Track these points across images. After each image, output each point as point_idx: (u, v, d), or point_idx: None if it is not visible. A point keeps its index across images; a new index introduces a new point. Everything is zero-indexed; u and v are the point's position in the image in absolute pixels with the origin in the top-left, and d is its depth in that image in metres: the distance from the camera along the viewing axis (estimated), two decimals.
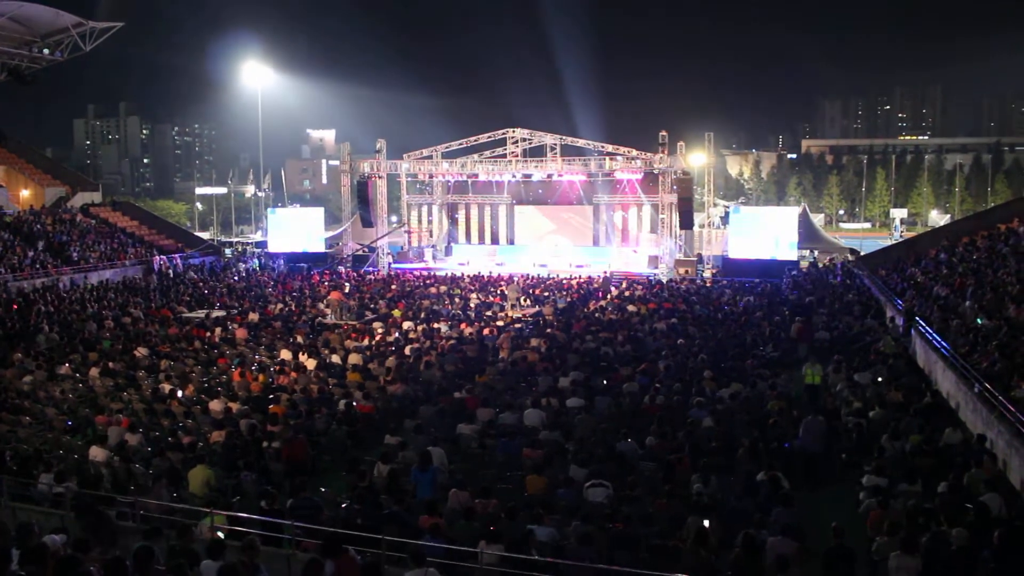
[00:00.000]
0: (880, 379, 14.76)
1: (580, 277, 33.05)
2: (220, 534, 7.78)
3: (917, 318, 18.38)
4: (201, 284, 31.32)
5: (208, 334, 21.22)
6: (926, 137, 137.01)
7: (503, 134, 39.85)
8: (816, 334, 19.99)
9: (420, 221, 45.45)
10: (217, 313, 24.87)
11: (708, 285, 31.70)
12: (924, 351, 17.07)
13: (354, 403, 13.96)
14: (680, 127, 52.51)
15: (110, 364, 17.49)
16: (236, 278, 33.80)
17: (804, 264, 36.52)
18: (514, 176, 40.83)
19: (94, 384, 16.27)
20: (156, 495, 9.10)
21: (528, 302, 27.05)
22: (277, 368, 16.86)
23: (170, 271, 33.44)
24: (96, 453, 11.40)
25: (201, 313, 24.98)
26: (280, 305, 26.34)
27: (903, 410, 12.75)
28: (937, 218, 78.75)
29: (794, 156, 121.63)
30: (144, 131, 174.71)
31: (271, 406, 13.82)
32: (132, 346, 19.43)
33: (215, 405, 14.00)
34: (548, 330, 20.90)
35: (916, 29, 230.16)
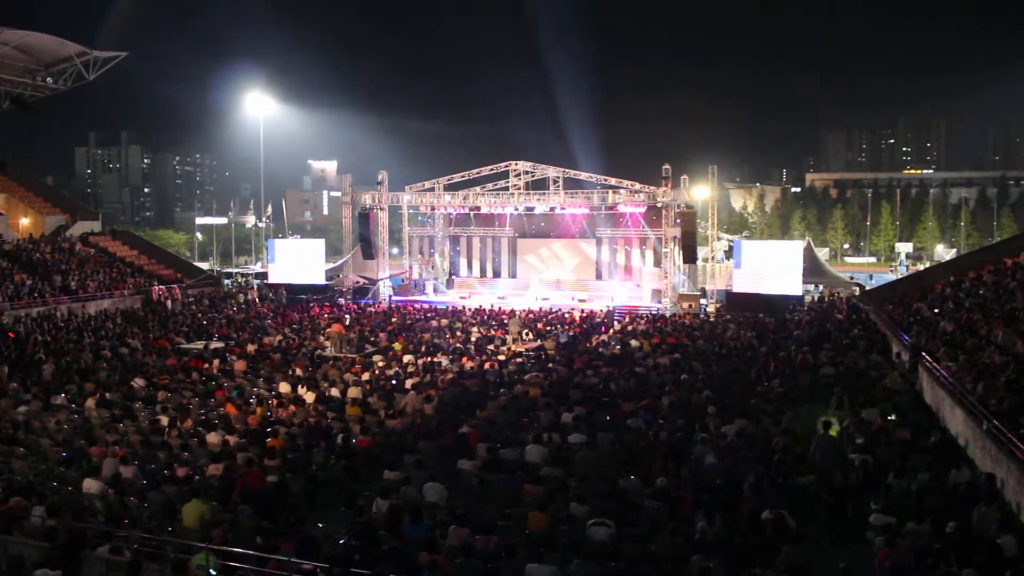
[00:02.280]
0: (886, 416, 14.70)
1: (583, 311, 33.06)
2: (213, 572, 7.74)
3: (924, 353, 18.35)
4: (200, 315, 31.36)
5: (206, 365, 21.20)
6: (931, 171, 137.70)
7: (505, 167, 40.12)
8: (821, 370, 19.94)
9: (422, 253, 45.59)
10: (215, 344, 24.87)
11: (712, 320, 31.69)
12: (931, 387, 17.01)
13: (353, 437, 13.91)
14: (683, 161, 52.93)
15: (107, 395, 17.47)
16: (235, 309, 33.84)
17: (808, 299, 36.51)
18: (516, 209, 41.04)
19: (90, 415, 16.23)
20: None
21: (530, 336, 27.03)
22: (275, 401, 16.83)
23: (168, 301, 33.51)
24: (90, 485, 11.34)
25: (199, 344, 24.97)
26: (279, 337, 26.34)
27: (910, 448, 12.69)
28: (943, 252, 78.87)
29: (798, 190, 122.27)
30: (145, 160, 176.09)
31: (269, 439, 13.77)
32: (129, 377, 19.42)
33: (212, 438, 13.96)
34: (550, 364, 20.87)
35: (919, 62, 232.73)
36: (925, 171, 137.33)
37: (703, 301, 36.65)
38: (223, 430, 14.57)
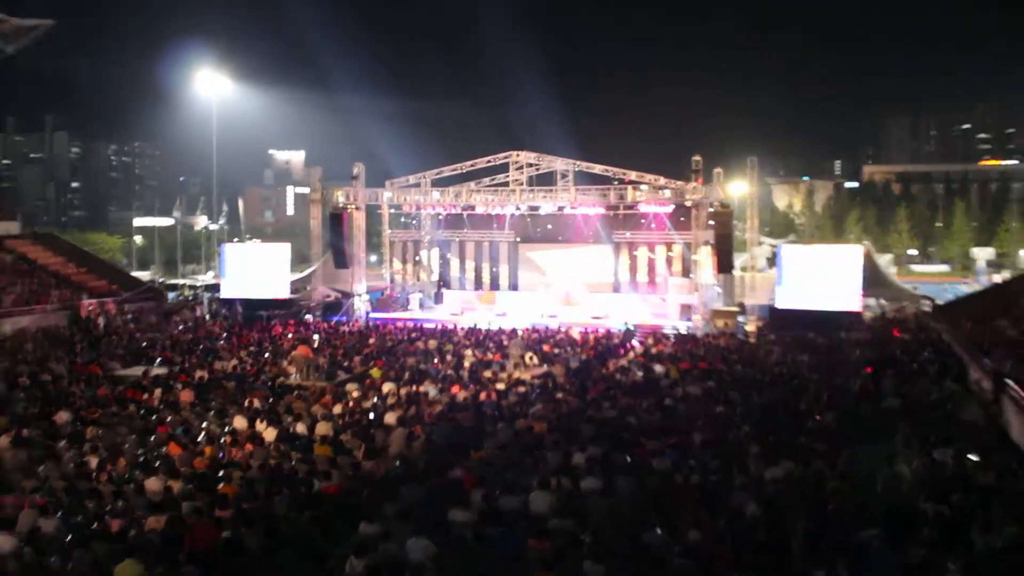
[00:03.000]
0: (965, 457, 14.63)
1: (597, 330, 33.05)
2: None
3: (1008, 381, 18.28)
4: (138, 335, 31.32)
5: (145, 396, 21.13)
6: (1015, 162, 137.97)
7: (505, 158, 40.26)
8: (884, 401, 19.87)
9: (405, 262, 45.64)
10: (157, 370, 24.82)
11: (752, 341, 31.66)
12: (1019, 422, 16.94)
13: (322, 483, 13.83)
14: (717, 151, 53.16)
15: (23, 432, 17.38)
16: (181, 328, 33.81)
17: (868, 315, 36.48)
18: (518, 208, 41.14)
19: (3, 456, 16.14)
20: None
21: (535, 360, 26.97)
22: (229, 439, 16.74)
23: (100, 319, 33.48)
24: (2, 542, 11.25)
25: (138, 370, 24.92)
26: (234, 361, 26.29)
27: (995, 495, 12.60)
28: None
29: (854, 185, 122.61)
30: (74, 150, 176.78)
31: (221, 485, 13.68)
32: (52, 410, 19.32)
33: (152, 484, 13.87)
34: (559, 395, 20.81)
35: (1000, 33, 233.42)
36: (1007, 162, 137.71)
37: (741, 318, 36.63)
38: (165, 474, 14.47)
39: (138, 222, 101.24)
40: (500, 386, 22.43)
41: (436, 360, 26.81)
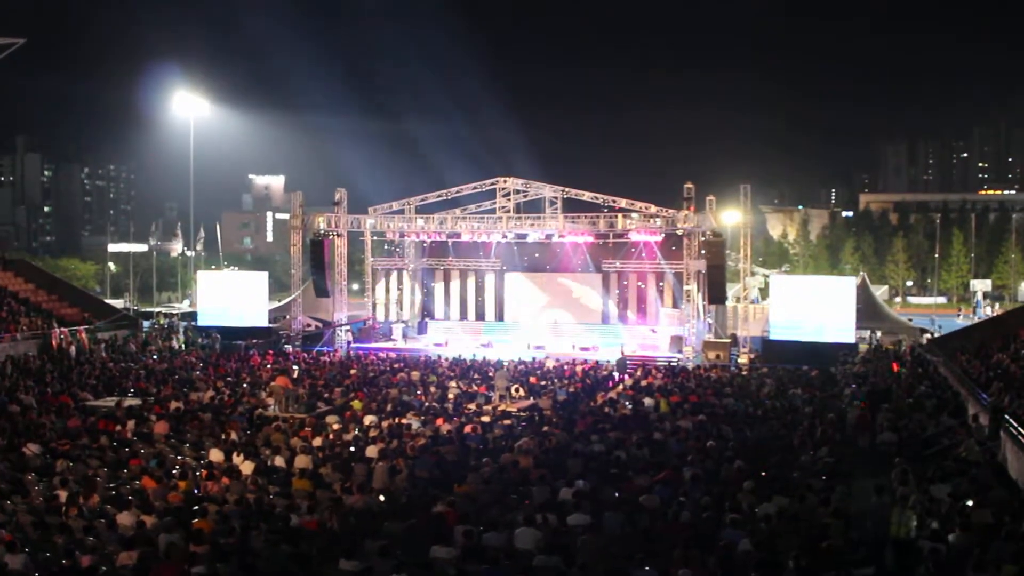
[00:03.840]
0: (962, 494, 14.71)
1: (586, 362, 33.08)
2: None
3: (1007, 416, 18.41)
4: (112, 365, 31.20)
5: (118, 428, 21.05)
6: (1013, 191, 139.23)
7: (491, 184, 40.47)
8: (880, 435, 19.99)
9: (388, 291, 45.65)
10: (131, 401, 24.71)
11: (744, 373, 31.77)
12: (1017, 458, 17.05)
13: (301, 518, 13.82)
14: (710, 178, 53.76)
15: None
16: (156, 358, 33.69)
17: (863, 347, 36.67)
18: (505, 236, 41.28)
19: None
20: None
21: (521, 393, 27.00)
22: (204, 472, 16.71)
23: (72, 348, 33.34)
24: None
25: (111, 401, 24.81)
26: (210, 392, 26.21)
27: (993, 533, 12.68)
28: None
29: (850, 214, 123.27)
30: (46, 172, 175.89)
31: (196, 520, 13.64)
32: (20, 441, 19.22)
33: (124, 519, 13.83)
34: (545, 428, 20.84)
35: (998, 59, 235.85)
36: (1006, 192, 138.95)
37: (734, 350, 36.75)
38: (138, 508, 14.42)
39: (112, 248, 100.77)
40: (485, 419, 22.43)
41: (419, 392, 26.79)
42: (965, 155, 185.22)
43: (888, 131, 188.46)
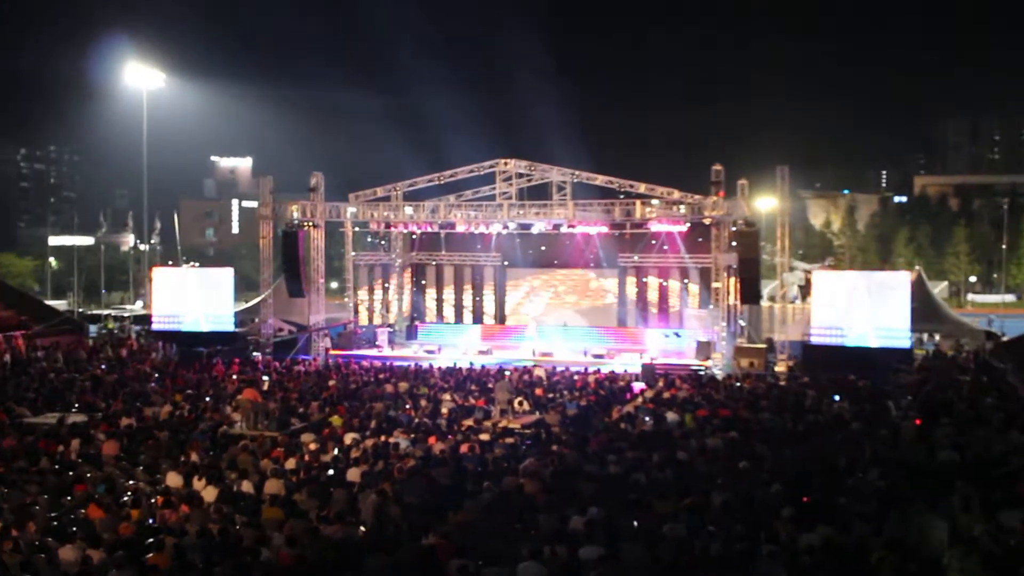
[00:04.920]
0: None
1: (599, 371, 33.11)
2: None
3: None
4: (53, 375, 31.21)
5: (61, 448, 21.05)
6: None
7: (491, 167, 40.40)
8: (939, 454, 19.94)
9: (372, 290, 45.63)
10: (75, 417, 24.73)
11: (782, 384, 31.74)
12: None
13: (272, 551, 13.81)
14: (741, 160, 53.32)
15: None
16: (104, 367, 33.70)
17: (920, 353, 36.62)
18: (506, 227, 41.19)
19: None
20: None
21: (525, 406, 27.02)
22: (160, 499, 16.70)
23: (7, 356, 33.35)
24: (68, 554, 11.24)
25: (52, 417, 24.82)
26: (167, 407, 26.22)
27: None
28: None
29: (904, 199, 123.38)
30: None
31: (150, 555, 13.65)
32: None
33: (67, 553, 13.82)
34: (554, 447, 20.85)
35: None
36: None
37: (770, 357, 36.73)
38: (83, 541, 14.42)
39: (53, 241, 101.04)
40: (484, 437, 22.42)
41: (408, 406, 26.78)
42: None
43: (947, 104, 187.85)
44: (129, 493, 17.59)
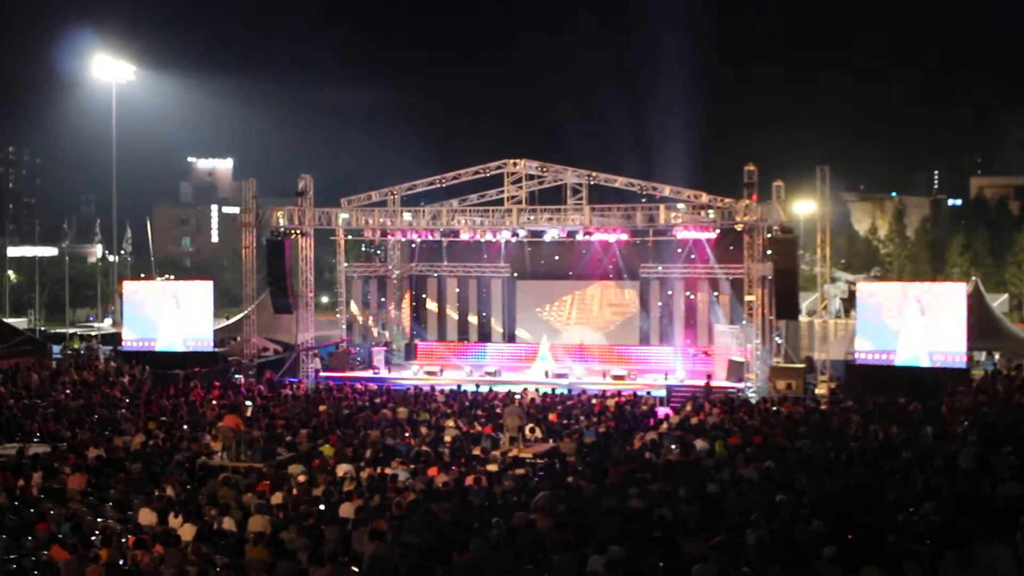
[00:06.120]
0: None
1: (619, 394, 33.08)
2: None
3: None
4: (12, 401, 31.28)
5: (21, 482, 21.10)
6: None
7: (498, 168, 40.42)
8: (1000, 487, 19.89)
9: (366, 305, 45.68)
10: (37, 448, 24.80)
11: (823, 408, 31.69)
12: None
13: None
14: (776, 160, 53.46)
15: None
16: (69, 392, 33.76)
17: (978, 373, 36.49)
18: (516, 235, 41.29)
19: None
20: None
21: (538, 434, 27.02)
22: (132, 539, 16.71)
23: None
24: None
25: (11, 448, 24.89)
26: (139, 437, 26.28)
27: None
28: None
29: (958, 203, 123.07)
30: None
31: None
32: None
33: None
34: (569, 479, 20.84)
35: None
36: None
37: (809, 378, 36.67)
38: None
39: (12, 252, 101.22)
40: (492, 467, 22.42)
41: (407, 434, 26.84)
42: None
43: (1006, 98, 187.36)
44: (97, 532, 17.63)
